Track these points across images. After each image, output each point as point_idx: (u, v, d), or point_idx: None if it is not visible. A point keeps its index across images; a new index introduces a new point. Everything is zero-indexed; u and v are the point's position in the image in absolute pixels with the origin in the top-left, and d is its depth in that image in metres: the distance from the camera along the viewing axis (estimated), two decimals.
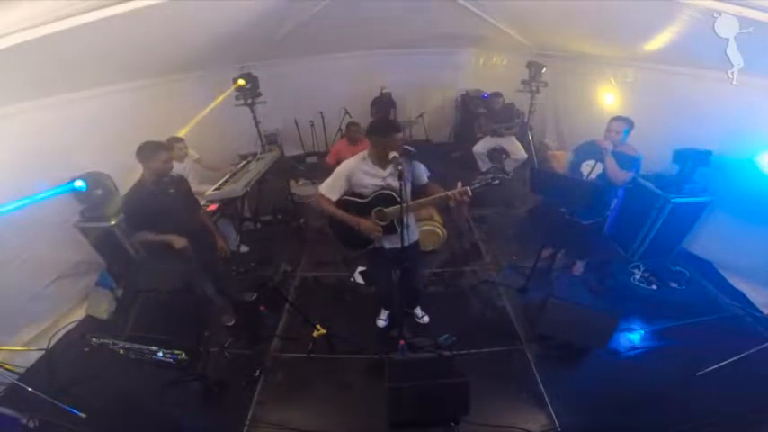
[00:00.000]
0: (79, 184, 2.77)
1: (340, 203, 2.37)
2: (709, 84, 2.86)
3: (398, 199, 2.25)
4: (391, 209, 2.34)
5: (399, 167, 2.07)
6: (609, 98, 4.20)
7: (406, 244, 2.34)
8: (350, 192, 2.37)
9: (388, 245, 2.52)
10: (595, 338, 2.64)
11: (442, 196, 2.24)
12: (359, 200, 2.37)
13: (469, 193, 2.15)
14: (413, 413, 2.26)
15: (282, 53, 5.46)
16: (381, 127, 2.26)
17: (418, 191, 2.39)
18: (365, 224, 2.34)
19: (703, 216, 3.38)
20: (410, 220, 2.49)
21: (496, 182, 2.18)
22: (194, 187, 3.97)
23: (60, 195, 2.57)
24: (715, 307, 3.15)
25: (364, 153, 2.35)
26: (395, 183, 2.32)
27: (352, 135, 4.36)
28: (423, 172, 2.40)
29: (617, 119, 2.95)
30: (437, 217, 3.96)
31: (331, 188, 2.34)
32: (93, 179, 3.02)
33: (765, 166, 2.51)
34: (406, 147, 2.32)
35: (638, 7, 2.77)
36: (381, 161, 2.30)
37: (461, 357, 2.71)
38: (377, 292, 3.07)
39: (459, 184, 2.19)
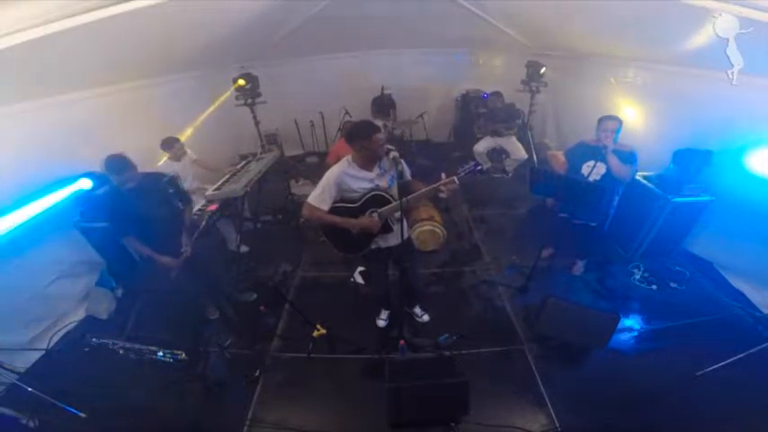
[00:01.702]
0: (86, 182, 2.78)
1: (331, 212, 2.36)
2: (710, 84, 2.86)
3: (390, 198, 2.29)
4: (386, 207, 2.35)
5: (399, 167, 2.10)
6: (609, 98, 4.20)
7: (403, 238, 2.36)
8: (338, 198, 2.37)
9: (384, 244, 2.54)
10: (595, 338, 2.64)
11: (432, 188, 2.26)
12: (350, 205, 2.37)
13: (456, 181, 2.21)
14: (413, 413, 2.26)
15: (282, 53, 5.46)
16: (362, 130, 2.26)
17: (404, 188, 2.40)
18: (362, 222, 2.35)
19: (704, 216, 3.38)
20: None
21: (479, 167, 2.25)
22: (196, 184, 4.01)
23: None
24: (715, 307, 3.15)
25: (348, 158, 2.35)
26: (383, 183, 2.35)
27: None
28: (406, 168, 2.42)
29: (610, 118, 2.94)
30: (437, 217, 3.96)
31: (321, 198, 2.33)
32: (97, 178, 3.01)
33: (752, 165, 2.53)
34: (388, 146, 2.33)
35: (638, 7, 2.77)
36: (367, 163, 2.32)
37: (461, 357, 2.70)
38: (375, 291, 3.08)
39: (444, 175, 2.24)
